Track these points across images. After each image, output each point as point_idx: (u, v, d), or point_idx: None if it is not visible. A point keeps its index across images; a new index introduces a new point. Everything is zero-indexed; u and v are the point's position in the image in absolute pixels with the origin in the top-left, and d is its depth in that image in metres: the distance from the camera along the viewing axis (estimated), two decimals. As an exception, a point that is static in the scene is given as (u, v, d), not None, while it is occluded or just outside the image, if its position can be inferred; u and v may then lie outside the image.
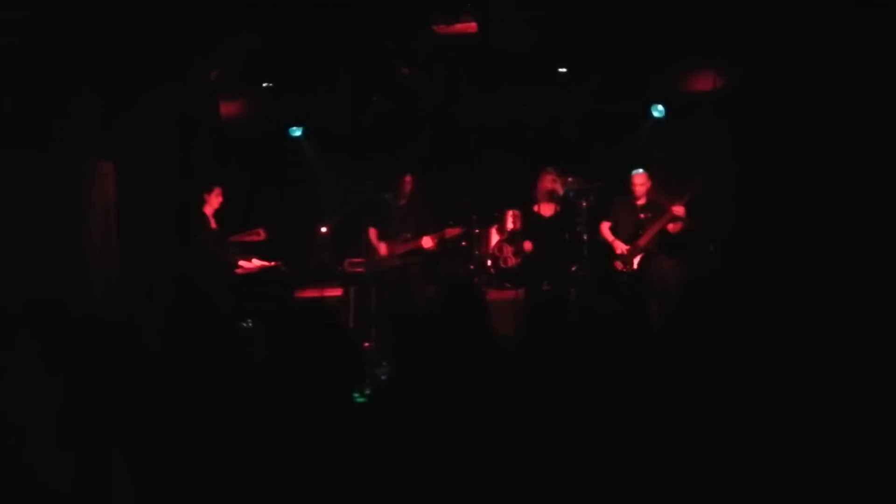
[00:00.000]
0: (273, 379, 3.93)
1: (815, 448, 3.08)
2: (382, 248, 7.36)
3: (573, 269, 7.59)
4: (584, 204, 7.74)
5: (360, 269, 7.54)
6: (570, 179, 7.85)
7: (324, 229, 8.89)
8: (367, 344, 6.62)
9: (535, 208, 7.68)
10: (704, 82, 7.73)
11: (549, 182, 7.59)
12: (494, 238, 8.64)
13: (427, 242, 7.23)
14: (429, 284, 7.35)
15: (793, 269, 5.91)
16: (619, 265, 7.16)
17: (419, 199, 7.46)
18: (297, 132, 8.99)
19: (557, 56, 7.98)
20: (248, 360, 5.12)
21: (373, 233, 7.47)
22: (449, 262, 8.04)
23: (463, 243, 8.12)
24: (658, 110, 8.29)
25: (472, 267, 8.21)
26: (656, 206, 7.15)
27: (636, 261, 7.11)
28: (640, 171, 7.27)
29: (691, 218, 7.03)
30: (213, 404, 3.48)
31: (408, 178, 7.42)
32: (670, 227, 7.04)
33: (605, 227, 7.42)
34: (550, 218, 7.60)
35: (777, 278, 5.96)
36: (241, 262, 7.01)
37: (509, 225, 8.56)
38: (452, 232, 7.42)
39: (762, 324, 4.67)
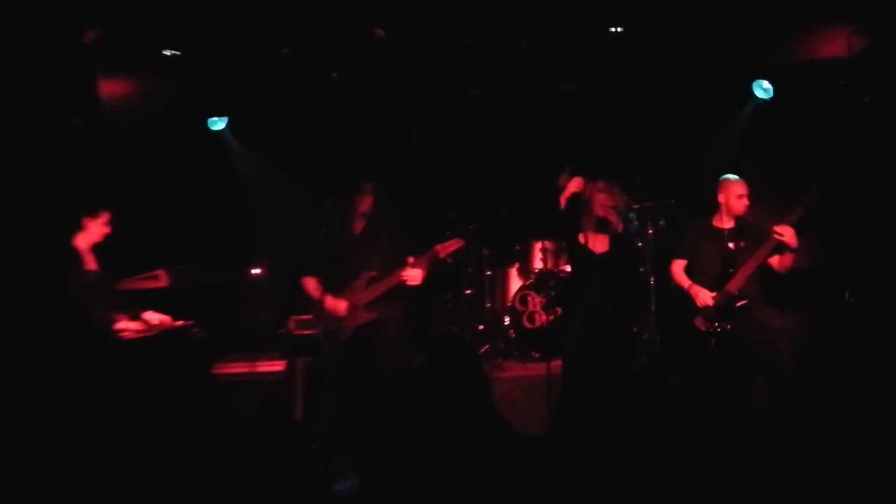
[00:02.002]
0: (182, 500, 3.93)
1: None
2: (338, 305, 7.25)
3: (634, 329, 7.57)
4: (651, 232, 7.69)
5: (310, 331, 7.45)
6: (627, 196, 7.87)
7: (257, 271, 8.85)
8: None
9: (581, 239, 7.63)
10: (832, 46, 7.86)
11: (602, 200, 7.54)
12: (515, 284, 8.76)
13: (413, 274, 7.12)
14: (414, 351, 7.28)
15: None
16: (701, 323, 7.08)
17: (385, 222, 7.41)
18: (218, 125, 9.10)
19: (606, 9, 8.15)
20: (143, 472, 5.07)
21: (310, 284, 7.36)
22: (446, 319, 8.04)
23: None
24: (763, 89, 8.37)
25: (480, 327, 8.30)
26: (754, 231, 7.10)
27: (728, 315, 7.02)
28: (735, 177, 7.23)
29: (810, 246, 7.02)
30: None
31: (367, 192, 7.36)
32: (777, 261, 6.97)
33: (679, 267, 7.35)
34: (603, 255, 7.54)
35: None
36: (127, 323, 6.93)
37: (538, 264, 8.68)
38: (449, 247, 7.33)
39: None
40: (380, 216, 7.38)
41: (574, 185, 7.32)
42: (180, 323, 7.12)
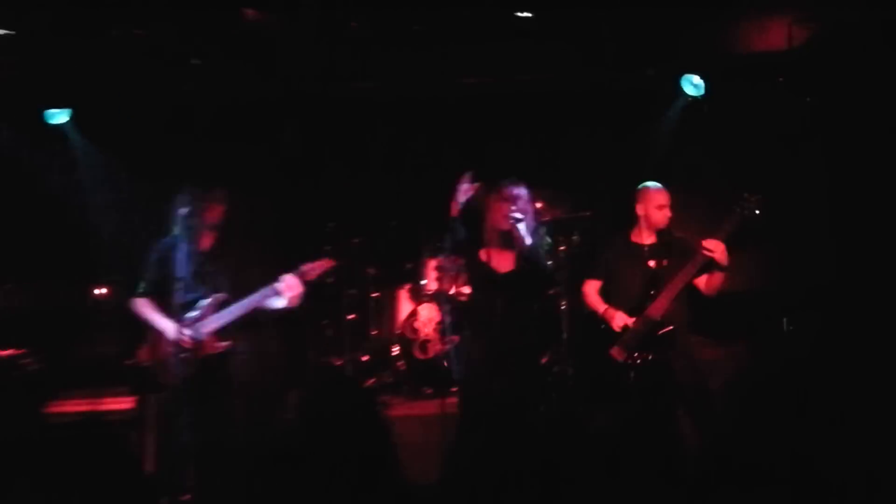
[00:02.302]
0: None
1: None
2: (176, 333, 7.07)
3: (544, 361, 7.66)
4: (563, 248, 7.73)
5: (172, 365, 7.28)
6: (539, 205, 7.94)
7: (102, 291, 8.69)
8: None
9: (482, 256, 7.62)
10: (770, 37, 8.03)
11: (507, 210, 7.51)
12: (405, 308, 8.80)
13: (290, 286, 6.98)
14: (286, 389, 7.19)
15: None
16: (619, 353, 7.13)
17: (240, 236, 7.30)
18: (59, 118, 9.05)
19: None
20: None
21: (144, 307, 7.20)
22: (323, 350, 8.00)
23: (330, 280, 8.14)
24: (693, 84, 8.56)
25: (364, 358, 8.35)
26: (679, 246, 7.21)
27: (650, 344, 7.10)
28: (655, 185, 7.33)
29: (743, 265, 7.18)
30: None
31: (217, 200, 7.24)
32: (704, 282, 7.09)
33: (593, 289, 7.46)
34: (508, 275, 7.53)
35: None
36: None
37: (432, 285, 8.75)
38: (317, 269, 7.23)
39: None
40: (233, 229, 7.28)
41: (465, 191, 7.28)
42: (8, 352, 6.98)
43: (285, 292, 6.89)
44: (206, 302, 6.98)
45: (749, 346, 7.46)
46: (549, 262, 7.79)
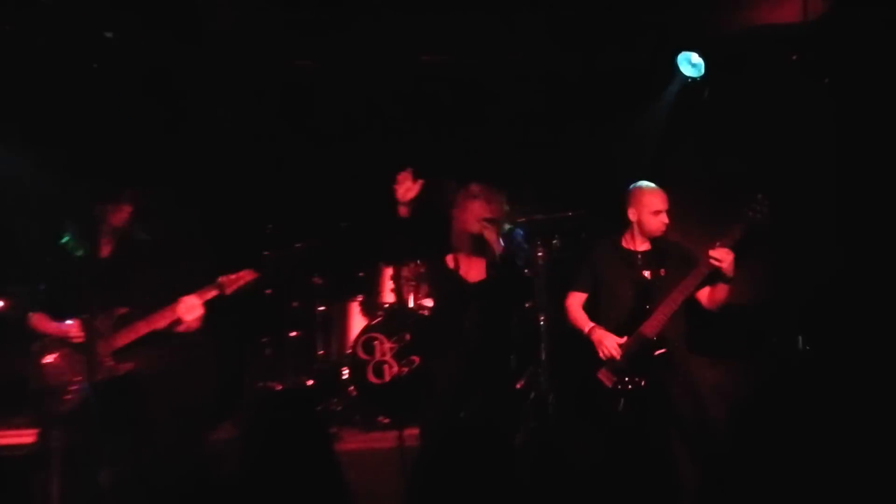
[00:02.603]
0: None
1: None
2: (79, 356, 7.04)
3: (520, 385, 7.66)
4: (541, 254, 7.73)
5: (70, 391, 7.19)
6: (507, 207, 7.88)
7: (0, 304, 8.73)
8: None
9: (450, 263, 7.61)
10: (782, 8, 8.11)
11: (478, 211, 7.52)
12: (358, 323, 8.82)
13: (188, 308, 6.98)
14: (216, 419, 7.18)
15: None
16: (606, 377, 7.14)
17: (152, 241, 7.27)
18: None
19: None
20: None
21: (40, 322, 7.17)
22: (261, 374, 8.08)
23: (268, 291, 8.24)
24: (692, 64, 8.61)
25: (310, 383, 8.40)
26: (678, 254, 7.25)
27: (643, 366, 7.10)
28: (650, 185, 7.35)
29: (752, 276, 7.27)
30: None
31: (123, 200, 7.21)
32: (707, 295, 7.12)
33: (577, 303, 7.49)
34: (478, 285, 7.54)
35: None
36: None
37: (388, 297, 8.79)
38: (238, 281, 7.22)
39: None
40: (140, 233, 7.24)
41: (407, 189, 7.23)
42: None
43: (183, 315, 6.89)
44: (105, 317, 6.96)
45: (757, 369, 7.40)
46: (526, 271, 7.80)
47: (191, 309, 6.90)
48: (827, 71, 8.04)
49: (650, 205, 7.24)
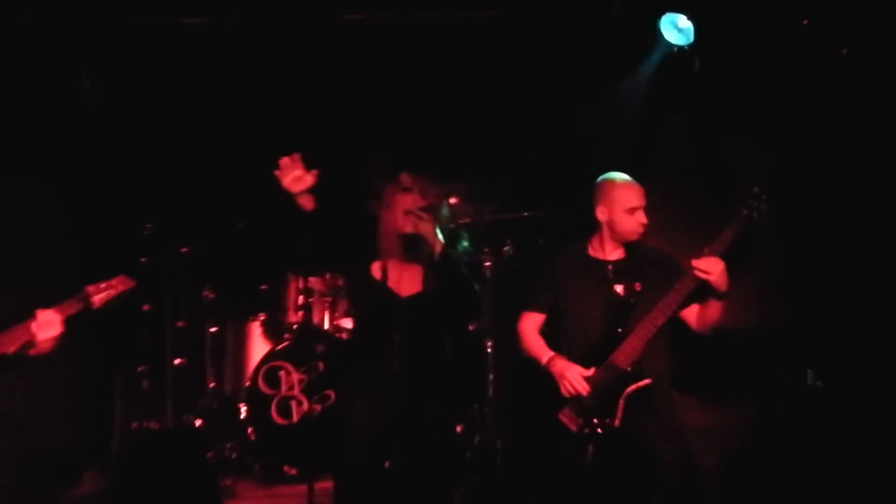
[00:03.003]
0: None
1: None
2: None
3: (460, 428, 7.67)
4: (490, 265, 7.74)
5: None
6: (452, 201, 8.02)
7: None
8: None
9: (376, 273, 7.55)
10: None
11: (410, 205, 7.44)
12: (259, 348, 8.86)
13: (43, 325, 6.86)
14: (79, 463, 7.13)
15: None
16: (570, 419, 7.08)
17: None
18: None
19: None
20: None
21: None
22: (135, 410, 8.14)
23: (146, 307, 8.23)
24: (678, 29, 8.71)
25: (198, 423, 8.39)
26: (658, 264, 7.24)
27: (615, 405, 7.03)
28: (623, 177, 7.34)
29: (750, 292, 7.22)
30: None
31: None
32: (695, 315, 7.11)
33: (533, 325, 7.46)
34: (411, 300, 7.49)
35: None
36: None
37: (292, 315, 8.83)
38: (109, 291, 7.13)
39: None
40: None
41: (295, 179, 7.08)
42: None
43: (37, 333, 6.76)
44: None
45: (755, 409, 7.40)
46: (471, 283, 7.75)
47: (47, 326, 6.78)
48: (845, 39, 8.03)
49: (623, 201, 7.20)
